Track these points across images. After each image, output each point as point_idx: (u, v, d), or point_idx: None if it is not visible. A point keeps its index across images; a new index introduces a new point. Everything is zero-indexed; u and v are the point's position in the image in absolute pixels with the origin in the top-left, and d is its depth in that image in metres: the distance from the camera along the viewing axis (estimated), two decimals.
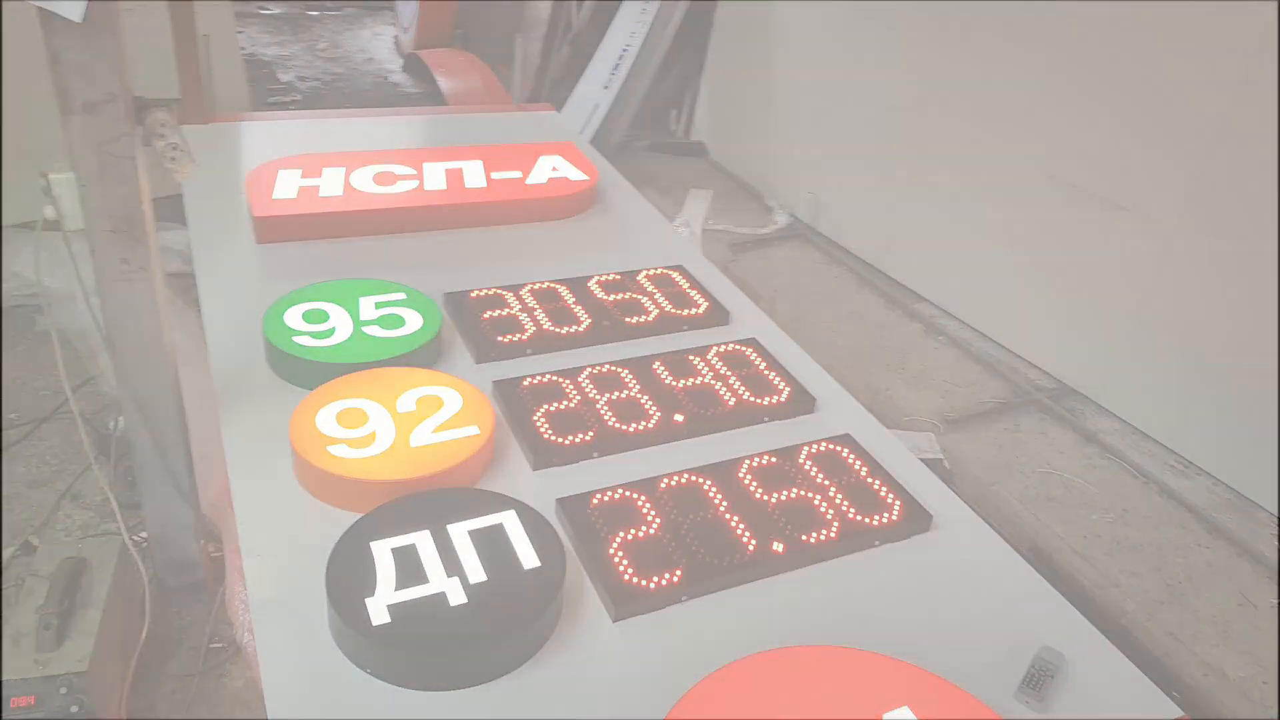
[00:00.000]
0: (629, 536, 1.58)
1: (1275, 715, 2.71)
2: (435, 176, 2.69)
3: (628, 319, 2.23)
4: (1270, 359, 3.34)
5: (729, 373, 2.05)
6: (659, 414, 1.90)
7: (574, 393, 1.93)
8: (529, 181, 2.75)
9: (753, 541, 1.61)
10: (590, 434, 1.83)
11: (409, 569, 1.45)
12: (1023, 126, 4.13)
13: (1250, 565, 3.25)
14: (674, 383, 2.00)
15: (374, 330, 2.01)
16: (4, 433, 3.16)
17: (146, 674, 2.41)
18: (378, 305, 2.09)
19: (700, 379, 2.02)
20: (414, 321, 2.05)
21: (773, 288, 4.63)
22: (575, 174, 2.83)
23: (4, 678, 2.02)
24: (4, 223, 3.70)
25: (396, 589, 1.42)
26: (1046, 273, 4.13)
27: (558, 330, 2.14)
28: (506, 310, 2.18)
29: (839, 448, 1.85)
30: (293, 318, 2.01)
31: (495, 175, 2.75)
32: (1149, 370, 3.80)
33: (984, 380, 4.15)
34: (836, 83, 5.12)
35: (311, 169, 2.64)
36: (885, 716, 1.34)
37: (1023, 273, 4.24)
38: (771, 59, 5.58)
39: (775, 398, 2.00)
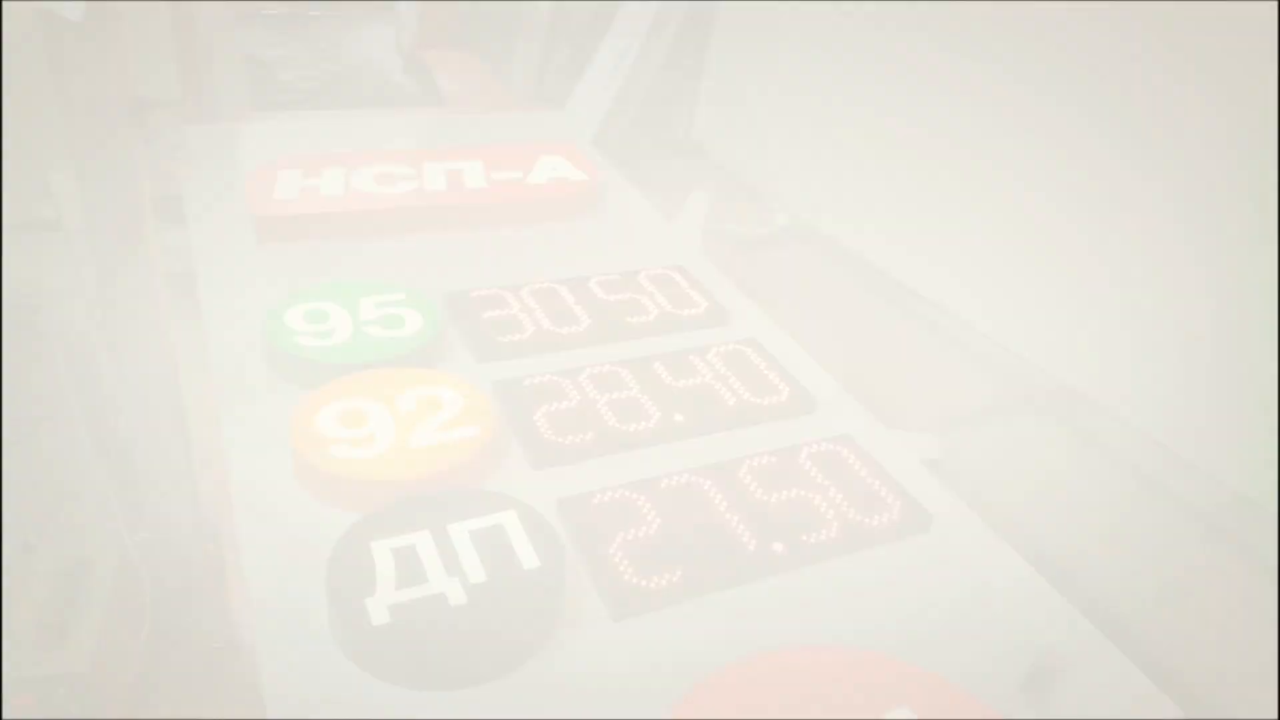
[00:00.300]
0: (629, 536, 1.59)
1: (1275, 715, 2.71)
2: (435, 176, 2.69)
3: (628, 319, 2.23)
4: (1270, 359, 3.34)
5: (729, 373, 2.05)
6: (659, 414, 1.90)
7: (574, 393, 1.93)
8: (529, 181, 2.75)
9: (753, 541, 1.61)
10: (590, 434, 1.83)
11: (409, 569, 1.45)
12: (1023, 126, 4.13)
13: (1250, 565, 3.25)
14: (674, 383, 2.00)
15: (374, 330, 2.01)
16: (4, 433, 3.16)
17: (146, 674, 2.41)
18: (378, 305, 2.09)
19: (700, 379, 2.02)
20: (414, 321, 2.05)
21: (773, 288, 4.62)
22: (575, 174, 2.83)
23: (4, 678, 2.02)
24: (4, 223, 3.70)
25: (397, 589, 1.42)
26: (1046, 273, 4.13)
27: (558, 330, 2.14)
28: (507, 310, 2.18)
29: (839, 448, 1.85)
30: (293, 318, 2.01)
31: (495, 175, 2.75)
32: (1149, 370, 3.80)
33: (984, 380, 4.15)
34: (837, 83, 5.11)
35: (312, 169, 2.64)
36: (885, 716, 1.34)
37: (1022, 273, 4.24)
38: (772, 59, 5.57)
39: (775, 398, 2.00)
